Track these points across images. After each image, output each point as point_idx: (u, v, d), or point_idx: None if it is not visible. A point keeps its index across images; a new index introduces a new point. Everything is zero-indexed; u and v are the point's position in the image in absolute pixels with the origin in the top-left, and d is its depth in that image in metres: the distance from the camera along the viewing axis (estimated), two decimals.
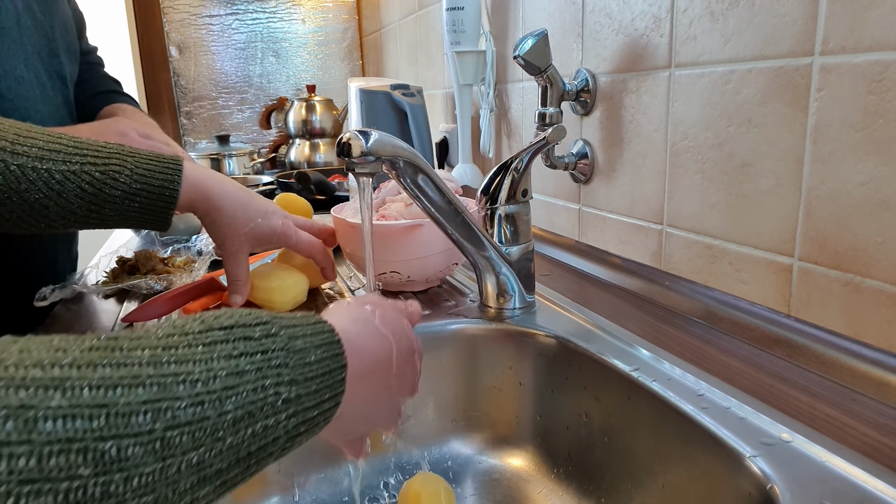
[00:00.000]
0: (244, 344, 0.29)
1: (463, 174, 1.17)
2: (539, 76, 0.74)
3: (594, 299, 0.72)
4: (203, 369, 0.27)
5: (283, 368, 0.30)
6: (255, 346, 0.29)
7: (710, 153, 0.62)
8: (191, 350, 0.27)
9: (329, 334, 0.34)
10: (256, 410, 0.28)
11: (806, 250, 0.53)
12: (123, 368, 0.24)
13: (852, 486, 0.37)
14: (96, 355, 0.24)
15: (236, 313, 0.31)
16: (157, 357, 0.26)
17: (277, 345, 0.30)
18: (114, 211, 0.58)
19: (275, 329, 0.31)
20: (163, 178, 0.59)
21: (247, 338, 0.29)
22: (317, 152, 1.84)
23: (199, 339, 0.28)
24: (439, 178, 0.58)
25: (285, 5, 2.01)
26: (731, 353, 0.57)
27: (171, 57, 1.94)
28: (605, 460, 0.57)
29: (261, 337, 0.30)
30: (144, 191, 0.58)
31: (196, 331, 0.28)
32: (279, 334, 0.31)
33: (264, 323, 0.31)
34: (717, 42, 0.60)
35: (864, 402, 0.47)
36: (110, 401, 0.23)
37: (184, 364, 0.26)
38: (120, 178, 0.57)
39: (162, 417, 0.24)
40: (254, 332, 0.30)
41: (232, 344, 0.29)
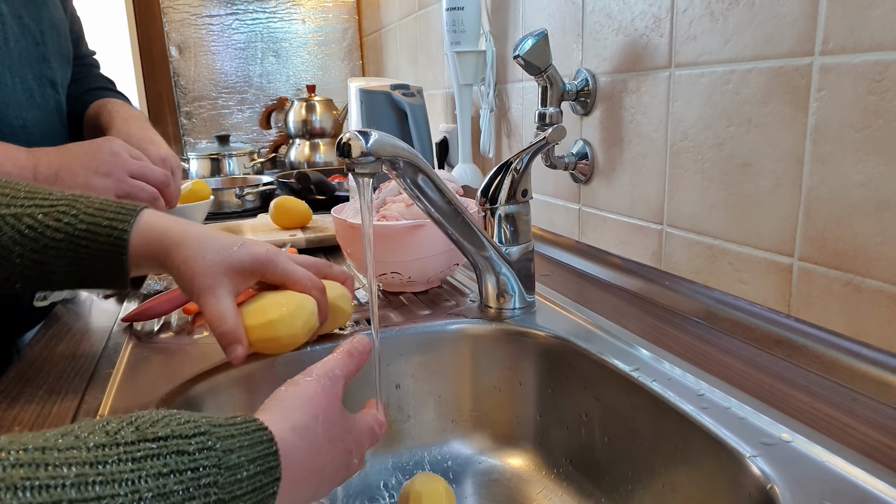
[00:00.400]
0: (175, 460, 0.28)
1: (463, 174, 1.17)
2: (539, 76, 0.74)
3: (594, 299, 0.72)
4: (128, 490, 0.26)
5: (212, 487, 0.29)
6: (186, 463, 0.29)
7: (710, 153, 0.62)
8: (119, 468, 0.27)
9: (267, 445, 0.34)
10: None
11: (806, 250, 0.53)
12: (45, 493, 0.23)
13: (852, 486, 0.37)
14: (19, 474, 0.23)
15: (173, 420, 0.30)
16: (83, 477, 0.25)
17: (211, 461, 0.30)
18: (59, 260, 0.50)
19: (211, 441, 0.30)
20: (112, 219, 0.50)
21: (180, 452, 0.29)
22: (317, 152, 1.84)
23: (130, 452, 0.27)
24: (439, 178, 0.58)
25: (285, 5, 2.01)
26: (731, 353, 0.57)
27: (171, 57, 1.94)
28: (605, 460, 0.57)
29: (195, 451, 0.29)
30: (91, 233, 0.49)
31: (129, 440, 0.28)
32: (215, 448, 0.30)
33: (202, 433, 0.30)
34: (717, 42, 0.60)
35: (865, 402, 0.47)
36: None
37: (110, 485, 0.26)
38: (64, 219, 0.49)
39: None
40: (189, 445, 0.29)
41: (163, 460, 0.28)
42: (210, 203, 1.14)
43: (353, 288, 0.60)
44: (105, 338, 0.67)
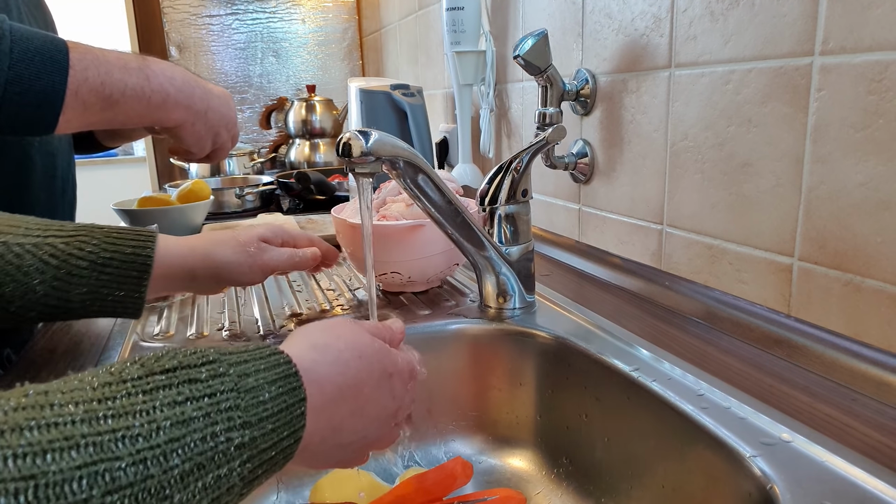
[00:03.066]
0: (189, 388, 0.27)
1: (463, 174, 1.17)
2: (539, 76, 0.74)
3: (594, 299, 0.72)
4: (144, 421, 0.24)
5: (234, 411, 0.27)
6: (201, 390, 0.27)
7: (710, 153, 0.62)
8: (130, 400, 0.25)
9: (285, 366, 0.32)
10: (207, 461, 0.26)
11: (806, 250, 0.53)
12: (55, 429, 0.22)
13: (852, 486, 0.37)
14: (23, 416, 0.22)
15: (179, 353, 0.28)
16: (92, 412, 0.23)
17: (227, 385, 0.28)
18: (79, 288, 0.51)
19: (223, 368, 0.29)
20: (135, 245, 0.53)
21: (192, 380, 0.27)
22: (317, 152, 1.84)
23: (139, 385, 0.26)
24: (439, 178, 0.58)
25: (285, 5, 2.01)
26: (731, 353, 0.57)
27: (171, 57, 1.94)
28: (605, 460, 0.57)
29: (207, 378, 0.28)
30: (115, 259, 0.52)
31: (135, 376, 0.26)
32: (228, 373, 0.28)
33: (211, 362, 0.29)
34: (717, 42, 0.60)
35: (865, 402, 0.47)
36: (39, 470, 0.20)
37: (122, 417, 0.24)
38: (86, 247, 0.51)
39: (99, 482, 0.22)
40: (200, 374, 0.28)
41: (176, 389, 0.26)
42: (210, 203, 1.14)
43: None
44: (105, 338, 0.67)
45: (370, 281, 0.53)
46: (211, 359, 0.29)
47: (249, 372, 0.30)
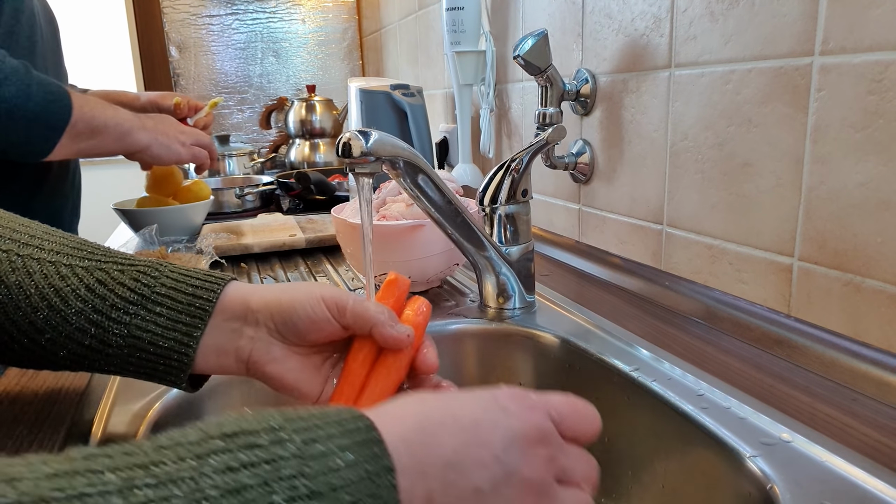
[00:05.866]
0: (247, 454, 0.23)
1: (463, 174, 1.17)
2: (539, 76, 0.74)
3: (594, 299, 0.72)
4: (189, 489, 0.21)
5: (298, 479, 0.24)
6: (260, 455, 0.23)
7: (710, 153, 0.62)
8: (177, 466, 0.22)
9: (365, 431, 0.26)
10: None
11: (806, 250, 0.53)
12: (85, 500, 0.20)
13: (852, 486, 0.37)
14: (50, 486, 0.20)
15: (243, 419, 0.25)
16: (129, 480, 0.21)
17: (289, 451, 0.24)
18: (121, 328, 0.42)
19: (286, 435, 0.25)
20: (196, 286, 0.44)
21: (250, 446, 0.24)
22: (317, 152, 1.84)
23: (192, 449, 0.23)
24: (439, 178, 0.58)
25: (285, 5, 2.01)
26: (731, 353, 0.57)
27: (171, 57, 1.94)
28: (605, 460, 0.57)
29: (268, 444, 0.24)
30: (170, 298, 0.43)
31: (191, 440, 0.23)
32: (292, 440, 0.25)
33: (275, 428, 0.25)
34: (717, 42, 0.60)
35: (865, 402, 0.47)
36: None
37: (164, 487, 0.21)
38: (142, 279, 0.43)
39: None
40: (260, 439, 0.24)
41: (232, 454, 0.23)
42: (210, 203, 1.15)
43: None
44: None
45: (370, 281, 0.53)
46: (275, 425, 0.25)
47: (318, 438, 0.25)
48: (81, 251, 0.45)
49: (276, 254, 1.00)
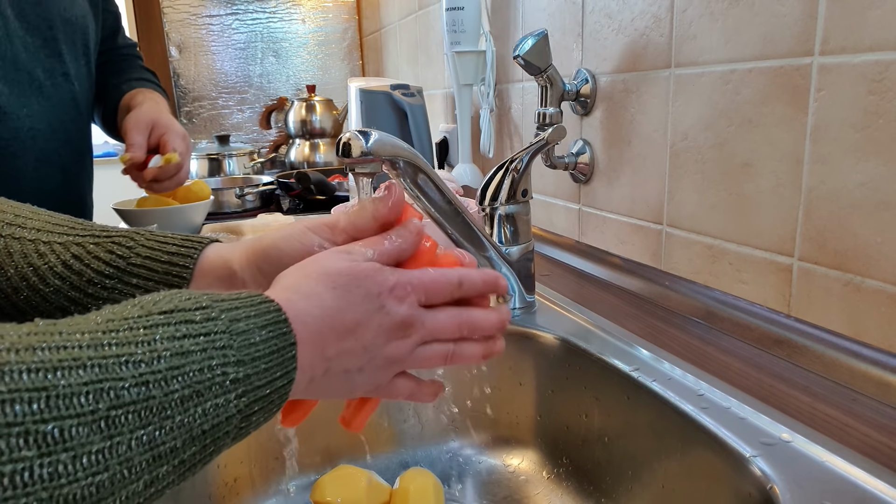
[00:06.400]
0: (186, 327, 0.29)
1: (463, 174, 1.17)
2: (539, 76, 0.74)
3: (594, 299, 0.72)
4: (146, 350, 0.26)
5: (228, 350, 0.29)
6: (196, 329, 0.29)
7: (710, 153, 0.62)
8: (132, 332, 0.27)
9: (275, 314, 0.33)
10: (205, 390, 0.28)
11: (806, 250, 0.53)
12: (63, 351, 0.24)
13: (852, 486, 0.37)
14: (35, 339, 0.24)
15: (175, 297, 0.30)
16: (97, 339, 0.25)
17: (219, 327, 0.30)
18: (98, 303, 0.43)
19: (214, 313, 0.30)
20: (173, 253, 0.44)
21: (188, 321, 0.29)
22: (317, 152, 1.84)
23: (140, 322, 0.28)
24: (439, 178, 0.58)
25: (285, 5, 2.01)
26: (731, 353, 0.57)
27: (171, 57, 1.94)
28: (605, 460, 0.57)
29: (202, 320, 0.29)
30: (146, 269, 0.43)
31: (135, 315, 0.28)
32: (220, 318, 0.30)
33: (203, 307, 0.30)
34: (717, 42, 0.60)
35: (865, 402, 0.47)
36: (50, 383, 0.23)
37: (126, 346, 0.26)
38: (117, 250, 0.43)
39: (105, 398, 0.24)
40: (194, 316, 0.29)
41: (174, 327, 0.28)
42: (210, 203, 1.14)
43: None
44: None
45: None
46: (204, 304, 0.30)
47: (240, 317, 0.31)
48: (61, 227, 0.45)
49: None
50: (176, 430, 0.26)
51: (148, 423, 0.25)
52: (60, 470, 0.22)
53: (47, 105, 0.89)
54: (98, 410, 0.24)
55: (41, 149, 0.88)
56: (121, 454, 0.24)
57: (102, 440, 0.23)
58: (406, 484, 0.55)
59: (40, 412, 0.22)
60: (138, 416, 0.25)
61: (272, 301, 0.33)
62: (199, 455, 0.28)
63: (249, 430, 0.31)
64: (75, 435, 0.23)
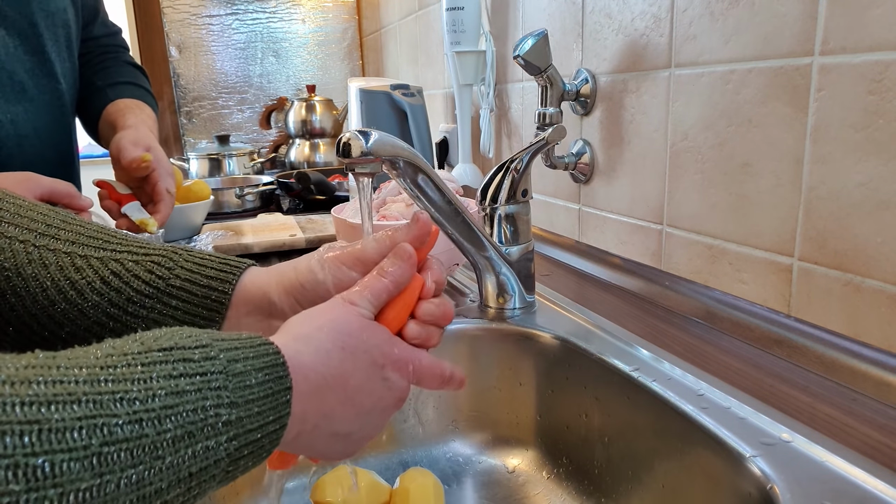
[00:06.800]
0: (183, 366, 0.29)
1: (463, 174, 1.17)
2: (539, 76, 0.74)
3: (594, 299, 0.72)
4: (141, 388, 0.26)
5: (223, 391, 0.29)
6: (194, 368, 0.29)
7: (710, 153, 0.62)
8: (129, 369, 0.27)
9: (273, 356, 0.33)
10: (197, 431, 0.28)
11: (806, 250, 0.53)
12: (59, 385, 0.24)
13: (852, 486, 0.37)
14: (31, 373, 0.24)
15: (175, 334, 0.30)
16: (94, 375, 0.25)
17: (217, 367, 0.30)
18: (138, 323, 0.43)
19: (214, 352, 0.30)
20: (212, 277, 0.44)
21: (186, 360, 0.29)
22: (317, 152, 1.84)
23: (138, 359, 0.28)
24: (439, 178, 0.58)
25: (285, 5, 2.01)
26: (731, 353, 0.57)
27: (171, 57, 1.94)
28: (605, 460, 0.57)
29: (200, 359, 0.30)
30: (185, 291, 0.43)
31: (135, 351, 0.28)
32: (218, 357, 0.30)
33: (204, 346, 0.30)
34: (717, 42, 0.60)
35: (865, 402, 0.47)
36: (43, 417, 0.22)
37: (122, 383, 0.26)
38: (157, 270, 0.43)
39: (98, 434, 0.24)
40: (193, 355, 0.29)
41: (171, 365, 0.28)
42: (210, 203, 1.14)
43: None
44: None
45: None
46: (204, 343, 0.31)
47: (238, 358, 0.31)
48: (97, 240, 0.44)
49: (276, 254, 1.00)
50: (165, 470, 0.26)
51: (139, 462, 0.25)
52: None
53: (32, 109, 0.84)
54: (91, 446, 0.23)
55: (28, 155, 0.83)
56: (108, 493, 0.24)
57: (92, 477, 0.23)
58: (406, 484, 0.55)
59: (31, 445, 0.22)
60: (130, 455, 0.25)
61: (272, 344, 0.34)
62: (182, 497, 0.28)
63: (237, 473, 0.31)
64: (66, 470, 0.22)
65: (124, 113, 0.91)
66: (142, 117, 0.92)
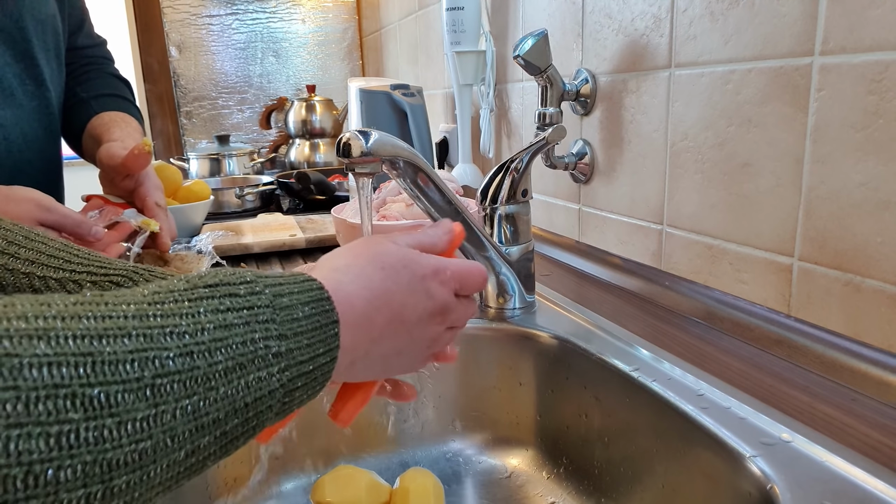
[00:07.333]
0: (230, 300, 0.29)
1: (463, 174, 1.17)
2: (539, 76, 0.74)
3: (594, 299, 0.72)
4: (190, 322, 0.27)
5: (271, 324, 0.30)
6: (240, 303, 0.29)
7: (710, 153, 0.62)
8: (177, 305, 0.27)
9: (317, 291, 0.33)
10: (247, 362, 0.28)
11: (806, 250, 0.53)
12: (109, 321, 0.24)
13: (852, 486, 0.37)
14: (81, 308, 0.24)
15: (220, 273, 0.31)
16: (142, 311, 0.26)
17: (263, 301, 0.30)
18: None
19: (259, 287, 0.31)
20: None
21: (232, 294, 0.29)
22: (317, 152, 1.84)
23: (185, 295, 0.28)
24: (439, 178, 0.58)
25: (285, 5, 2.01)
26: (731, 353, 0.57)
27: (171, 57, 1.94)
28: (605, 460, 0.57)
29: (246, 294, 0.30)
30: None
31: (181, 289, 0.28)
32: (264, 292, 0.31)
33: (248, 282, 0.31)
34: (717, 42, 0.60)
35: (865, 402, 0.47)
36: (96, 350, 0.23)
37: (170, 318, 0.26)
38: None
39: (150, 366, 0.24)
40: (238, 290, 0.30)
41: (218, 300, 0.29)
42: (210, 203, 1.14)
43: None
44: None
45: None
46: (249, 279, 0.31)
47: (284, 293, 0.31)
48: (57, 259, 0.45)
49: (276, 254, 1.00)
50: (220, 401, 0.26)
51: (193, 392, 0.25)
52: (106, 434, 0.22)
53: (21, 114, 0.83)
54: (143, 378, 0.24)
55: (15, 161, 0.82)
56: (165, 423, 0.24)
57: (147, 408, 0.24)
58: (406, 484, 0.55)
59: (86, 376, 0.22)
60: (183, 386, 0.25)
61: (314, 280, 0.34)
62: (242, 428, 0.28)
63: (293, 406, 0.31)
64: (121, 401, 0.23)
65: (109, 127, 0.89)
66: (128, 130, 0.89)
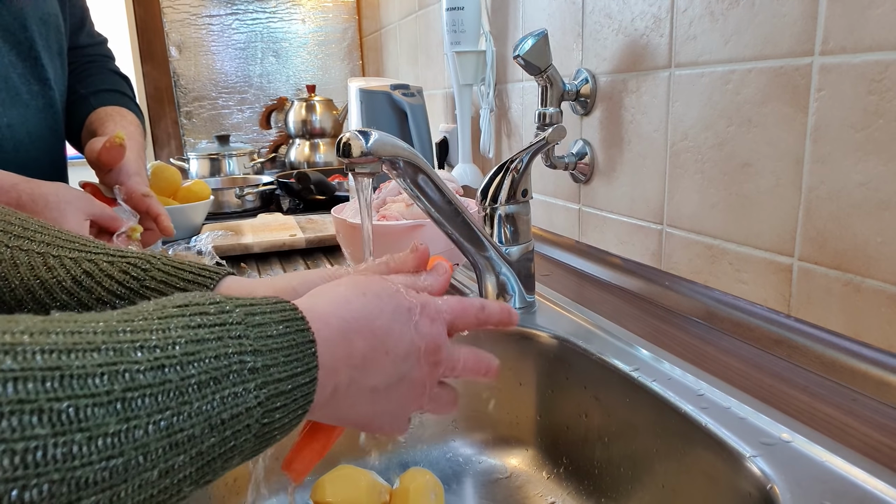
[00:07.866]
0: (200, 318, 0.28)
1: (463, 174, 1.17)
2: (539, 76, 0.74)
3: (594, 299, 0.72)
4: (161, 336, 0.26)
5: (245, 339, 0.29)
6: (211, 320, 0.28)
7: (710, 153, 0.62)
8: (146, 322, 0.26)
9: (291, 311, 0.32)
10: (222, 377, 0.27)
11: (806, 250, 0.53)
12: (77, 336, 0.24)
13: (852, 486, 0.37)
14: (49, 325, 0.24)
15: (189, 296, 0.30)
16: (111, 327, 0.25)
17: (234, 319, 0.29)
18: None
19: (229, 307, 0.30)
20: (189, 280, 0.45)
21: (202, 313, 0.29)
22: (317, 152, 1.84)
23: (155, 313, 0.27)
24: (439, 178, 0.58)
25: (285, 5, 2.01)
26: (731, 353, 0.57)
27: (171, 57, 1.94)
28: (605, 460, 0.57)
29: (216, 312, 0.29)
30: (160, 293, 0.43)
31: (150, 308, 0.28)
32: (234, 311, 0.30)
33: (217, 302, 0.30)
34: (717, 42, 0.60)
35: (865, 402, 0.47)
36: (64, 363, 0.22)
37: (140, 333, 0.26)
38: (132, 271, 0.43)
39: (120, 380, 0.23)
40: (208, 309, 0.29)
41: (188, 317, 0.28)
42: (210, 203, 1.14)
43: None
44: None
45: None
46: (218, 300, 0.30)
47: (256, 312, 0.31)
48: (74, 243, 0.44)
49: (276, 254, 1.00)
50: (194, 416, 0.25)
51: (165, 407, 0.24)
52: (75, 451, 0.21)
53: (26, 113, 0.84)
54: (113, 391, 0.23)
55: (22, 159, 0.82)
56: (137, 438, 0.23)
57: (118, 422, 0.23)
58: (406, 484, 0.55)
59: (54, 391, 0.21)
60: (155, 400, 0.24)
61: (287, 301, 0.33)
62: (219, 448, 0.27)
63: (274, 429, 0.30)
64: (91, 415, 0.22)
65: (104, 121, 0.90)
66: (122, 124, 0.90)
